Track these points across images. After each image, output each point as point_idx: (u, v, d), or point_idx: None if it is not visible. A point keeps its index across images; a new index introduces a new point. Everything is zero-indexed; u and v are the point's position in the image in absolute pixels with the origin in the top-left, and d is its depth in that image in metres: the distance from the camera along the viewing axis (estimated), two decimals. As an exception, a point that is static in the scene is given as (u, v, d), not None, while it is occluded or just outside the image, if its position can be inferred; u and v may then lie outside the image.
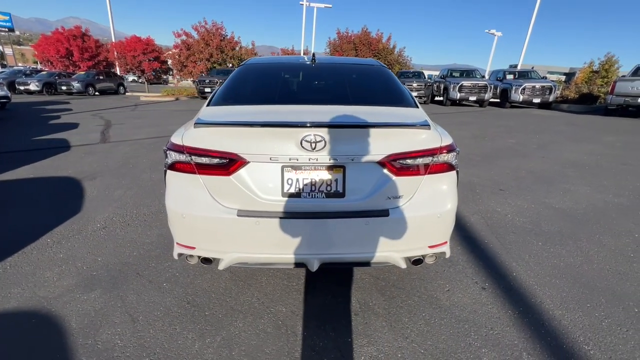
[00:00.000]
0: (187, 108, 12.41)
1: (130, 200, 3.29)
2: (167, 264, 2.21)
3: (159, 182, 3.81)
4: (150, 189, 3.59)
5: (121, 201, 3.26)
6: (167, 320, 1.71)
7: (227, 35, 22.70)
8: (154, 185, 3.70)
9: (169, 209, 1.61)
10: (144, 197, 3.36)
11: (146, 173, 4.15)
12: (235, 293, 1.93)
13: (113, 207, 3.12)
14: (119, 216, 2.92)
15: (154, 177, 4.00)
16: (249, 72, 2.33)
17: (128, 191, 3.53)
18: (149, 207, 3.13)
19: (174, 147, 1.58)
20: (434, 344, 1.58)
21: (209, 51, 21.30)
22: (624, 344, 1.58)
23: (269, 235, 1.53)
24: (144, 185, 3.70)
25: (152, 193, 3.47)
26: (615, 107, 11.26)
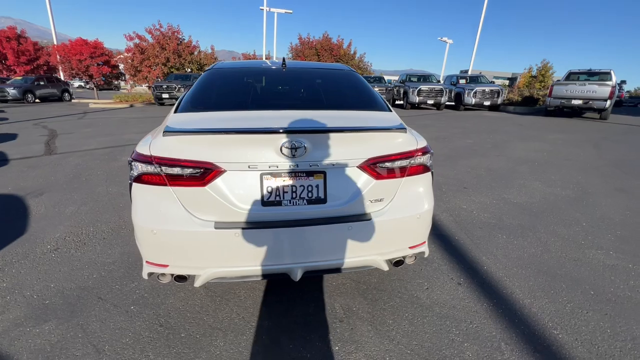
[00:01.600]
0: (144, 115, 11.70)
1: (86, 216, 3.00)
2: (134, 284, 2.04)
3: (118, 195, 3.53)
4: (108, 204, 3.30)
5: (75, 218, 2.96)
6: (137, 348, 1.56)
7: (184, 39, 21.87)
8: (112, 199, 3.41)
9: (137, 225, 1.48)
10: (101, 213, 3.08)
11: (102, 186, 3.82)
12: (212, 310, 1.82)
13: (65, 225, 2.82)
14: (73, 235, 2.65)
15: (111, 190, 3.69)
16: (217, 77, 2.24)
17: (82, 207, 3.22)
18: (108, 223, 2.87)
19: (140, 158, 1.45)
20: (419, 343, 1.60)
21: (166, 55, 20.37)
22: (586, 325, 1.72)
23: (249, 246, 1.46)
24: (101, 200, 3.40)
25: (111, 208, 3.20)
26: (554, 109, 12.48)
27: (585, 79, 12.17)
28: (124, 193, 3.59)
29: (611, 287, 2.05)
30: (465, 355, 1.53)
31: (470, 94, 14.93)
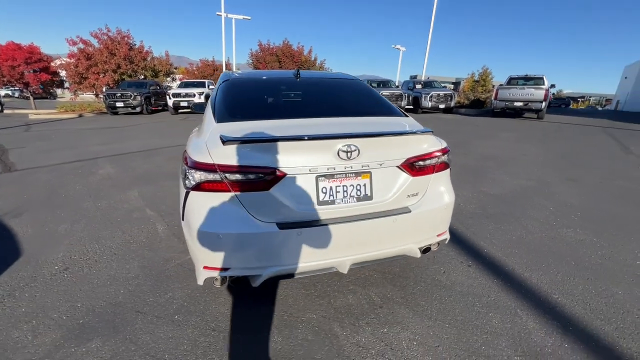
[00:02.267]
0: (100, 126, 10.89)
1: (84, 234, 2.84)
2: (168, 295, 2.03)
3: (111, 209, 3.36)
4: (103, 219, 3.14)
5: (72, 237, 2.79)
6: (199, 352, 1.60)
7: (135, 44, 20.70)
8: (105, 214, 3.25)
9: (199, 231, 1.53)
10: (99, 229, 2.93)
11: (88, 202, 3.60)
12: (257, 310, 1.90)
13: (65, 244, 2.66)
14: (79, 254, 2.51)
15: (100, 205, 3.50)
16: (240, 87, 2.32)
17: (75, 224, 3.03)
18: (112, 238, 2.76)
19: (201, 167, 1.52)
20: (453, 317, 1.84)
21: (116, 62, 19.10)
22: (576, 289, 2.09)
23: (307, 244, 1.59)
24: (93, 216, 3.22)
25: (108, 223, 3.05)
26: (499, 110, 13.90)
27: (523, 84, 13.77)
28: (117, 207, 3.43)
29: (586, 257, 2.48)
30: (493, 323, 1.79)
31: (427, 98, 16.04)
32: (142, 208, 3.42)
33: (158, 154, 6.06)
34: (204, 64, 24.85)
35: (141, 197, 3.75)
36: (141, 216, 3.22)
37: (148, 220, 3.13)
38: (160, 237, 2.78)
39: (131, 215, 3.25)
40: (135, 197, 3.74)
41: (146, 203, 3.56)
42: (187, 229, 1.63)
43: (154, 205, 3.49)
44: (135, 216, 3.22)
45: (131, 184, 4.22)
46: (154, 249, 2.60)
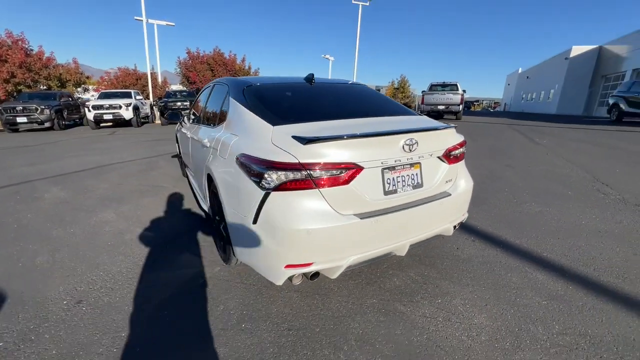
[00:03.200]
0: (10, 145, 9.05)
1: (75, 263, 2.47)
2: (220, 308, 1.95)
3: (91, 235, 2.96)
4: (90, 245, 2.76)
5: (62, 268, 2.41)
6: (287, 352, 1.61)
7: (32, 49, 17.77)
8: (89, 240, 2.85)
9: (286, 230, 1.57)
10: (93, 256, 2.58)
11: (56, 229, 3.09)
12: (321, 304, 1.96)
13: (57, 277, 2.29)
14: (84, 284, 2.20)
15: (74, 231, 3.04)
16: (271, 92, 2.35)
17: (57, 254, 2.60)
18: (116, 263, 2.47)
19: (281, 166, 1.56)
20: (485, 281, 2.18)
21: (8, 69, 16.08)
22: (554, 246, 2.64)
23: (378, 231, 1.75)
24: (74, 243, 2.80)
25: (100, 248, 2.70)
26: (426, 113, 15.72)
27: (442, 90, 15.84)
28: (98, 231, 3.03)
29: (548, 223, 3.12)
30: (514, 280, 2.19)
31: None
32: (131, 229, 3.09)
33: (108, 172, 5.39)
34: (124, 73, 22.43)
35: (122, 218, 3.37)
36: (136, 237, 2.91)
37: (148, 241, 2.85)
38: (171, 256, 2.59)
39: (123, 237, 2.91)
40: (114, 219, 3.34)
41: (133, 224, 3.22)
42: (265, 230, 1.64)
43: (144, 225, 3.18)
44: (128, 238, 2.90)
45: (100, 206, 3.73)
46: (172, 267, 2.41)
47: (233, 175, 1.88)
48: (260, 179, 1.63)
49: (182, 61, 21.41)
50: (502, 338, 1.69)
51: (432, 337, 1.70)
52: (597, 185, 4.27)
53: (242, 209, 1.77)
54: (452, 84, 15.85)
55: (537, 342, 1.65)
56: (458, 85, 15.69)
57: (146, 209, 3.59)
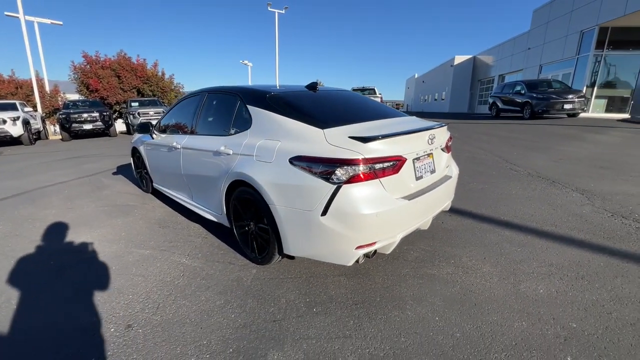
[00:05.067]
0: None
1: (96, 287, 2.24)
2: (283, 300, 2.10)
3: (84, 262, 2.65)
4: (90, 273, 2.48)
5: (84, 296, 2.16)
6: (368, 320, 1.90)
7: None
8: (84, 269, 2.55)
9: (358, 215, 1.85)
10: (113, 280, 2.35)
11: (31, 264, 2.64)
12: (368, 281, 2.28)
13: (84, 304, 2.06)
14: (121, 308, 2.05)
15: (57, 262, 2.66)
16: (299, 100, 2.53)
17: (65, 280, 2.29)
18: (138, 285, 2.32)
19: (353, 162, 1.85)
20: (475, 243, 2.80)
21: None
22: (508, 210, 3.48)
23: (417, 209, 2.17)
24: (78, 278, 2.47)
25: (102, 273, 2.46)
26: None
27: (362, 94, 17.42)
28: (88, 258, 2.72)
29: (493, 196, 4.02)
30: (491, 239, 2.86)
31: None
32: (129, 250, 2.85)
33: (42, 197, 4.57)
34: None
35: (107, 241, 3.04)
36: (140, 258, 2.72)
37: (154, 259, 2.71)
38: (199, 266, 2.55)
39: (125, 259, 2.69)
40: (98, 244, 3.00)
41: (125, 245, 2.96)
42: (336, 219, 1.89)
43: (139, 244, 2.96)
44: (131, 259, 2.69)
45: (67, 233, 3.25)
46: (208, 277, 2.40)
47: (287, 175, 2.06)
48: (330, 175, 1.87)
49: (79, 66, 18.42)
50: (506, 277, 2.28)
51: (463, 286, 2.19)
52: (509, 165, 5.54)
53: (305, 204, 1.97)
54: (371, 88, 17.58)
55: (528, 275, 2.29)
56: (375, 89, 17.48)
57: (129, 229, 3.30)
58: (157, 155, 3.83)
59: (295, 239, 2.11)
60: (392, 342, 1.72)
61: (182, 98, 3.72)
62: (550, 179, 4.59)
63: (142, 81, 19.40)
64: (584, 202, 3.66)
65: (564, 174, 4.81)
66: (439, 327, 1.82)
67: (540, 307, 1.97)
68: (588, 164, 5.40)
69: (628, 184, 4.30)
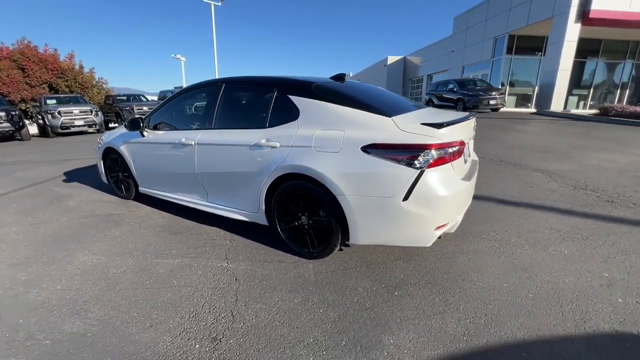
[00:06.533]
0: None
1: (145, 312, 1.93)
2: (360, 290, 2.11)
3: (102, 281, 2.25)
4: (122, 293, 2.13)
5: (138, 321, 1.85)
6: (448, 297, 2.03)
7: None
8: (113, 290, 2.17)
9: (439, 197, 1.97)
10: (151, 298, 2.05)
11: (34, 289, 2.14)
12: (425, 264, 2.42)
13: (139, 329, 1.77)
14: (192, 323, 1.82)
15: (76, 284, 2.21)
16: (343, 90, 2.49)
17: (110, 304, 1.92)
18: (193, 298, 2.08)
19: (435, 147, 1.95)
20: (501, 220, 3.14)
21: None
22: (511, 191, 3.96)
23: (471, 189, 2.38)
24: (113, 290, 2.08)
25: (136, 292, 2.14)
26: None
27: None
28: (106, 276, 2.31)
29: (494, 181, 4.51)
30: (513, 215, 3.25)
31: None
32: (154, 262, 2.51)
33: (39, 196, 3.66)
34: None
35: (113, 255, 2.62)
36: (169, 270, 2.43)
37: (195, 256, 2.44)
38: (250, 269, 2.38)
39: (154, 271, 2.36)
40: (104, 261, 2.56)
41: (144, 258, 2.59)
42: (418, 203, 1.97)
43: (160, 254, 2.62)
44: (162, 271, 2.38)
45: (51, 252, 2.69)
46: (262, 279, 2.27)
47: (359, 164, 2.06)
48: (412, 160, 1.94)
49: (-38, 56, 14.80)
50: (533, 244, 2.64)
51: (507, 256, 2.47)
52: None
53: (383, 191, 2.01)
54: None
55: (548, 240, 2.68)
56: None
57: (134, 240, 2.88)
58: (151, 155, 3.40)
59: (369, 227, 2.12)
60: (484, 310, 1.88)
61: (181, 91, 3.35)
62: (512, 163, 5.32)
63: (55, 75, 16.58)
64: (549, 180, 4.36)
65: (519, 158, 5.63)
66: (511, 291, 2.04)
67: (573, 264, 2.33)
68: (530, 149, 6.39)
69: (568, 163, 5.24)
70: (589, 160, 5.35)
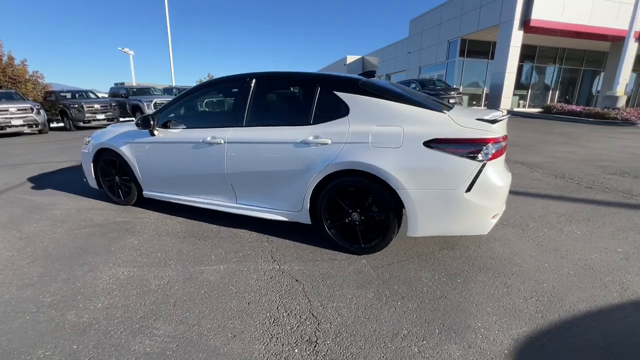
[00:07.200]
0: None
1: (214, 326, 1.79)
2: (424, 280, 2.19)
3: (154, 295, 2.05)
4: (180, 301, 1.96)
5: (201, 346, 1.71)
6: (505, 281, 2.20)
7: None
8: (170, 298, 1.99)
9: (499, 187, 2.14)
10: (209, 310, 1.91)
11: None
12: (471, 253, 2.57)
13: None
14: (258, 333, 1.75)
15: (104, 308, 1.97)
16: (387, 87, 2.52)
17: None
18: (257, 313, 1.99)
19: (494, 141, 2.08)
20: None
21: None
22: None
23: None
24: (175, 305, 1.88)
25: (184, 305, 1.99)
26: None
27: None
28: (160, 288, 2.10)
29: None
30: (536, 207, 3.57)
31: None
32: (203, 259, 2.33)
33: None
34: None
35: (151, 266, 2.38)
36: (232, 266, 2.28)
37: (239, 261, 2.32)
38: (308, 270, 2.33)
39: (224, 284, 2.20)
40: (143, 273, 2.32)
41: (197, 255, 2.40)
42: (479, 194, 2.09)
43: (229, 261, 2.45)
44: (225, 269, 2.23)
45: (82, 254, 2.36)
46: (326, 277, 2.24)
47: (422, 158, 2.13)
48: (476, 153, 2.05)
49: None
50: (550, 227, 2.94)
51: (534, 239, 2.73)
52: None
53: (446, 184, 2.10)
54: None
55: (560, 223, 3.01)
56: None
57: (162, 248, 2.64)
58: (163, 156, 3.12)
59: (429, 219, 2.21)
60: (541, 289, 2.06)
61: (196, 87, 3.13)
62: (493, 156, 5.82)
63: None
64: (532, 171, 4.86)
65: (496, 152, 6.16)
66: (554, 270, 2.27)
67: (590, 242, 2.66)
68: (501, 144, 7.03)
69: (539, 156, 5.88)
70: (555, 153, 6.05)
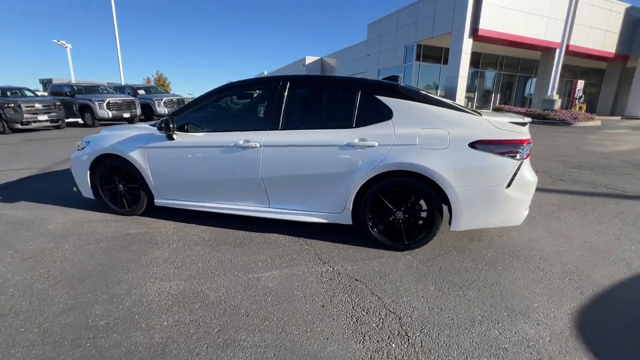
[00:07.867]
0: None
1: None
2: (467, 271, 2.39)
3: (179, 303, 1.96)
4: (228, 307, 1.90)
5: (296, 342, 1.69)
6: (522, 270, 2.48)
7: None
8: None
9: (533, 182, 2.45)
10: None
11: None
12: (491, 245, 2.84)
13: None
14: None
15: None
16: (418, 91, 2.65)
17: (245, 342, 1.67)
18: (339, 326, 2.02)
19: (527, 142, 2.34)
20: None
21: None
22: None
23: None
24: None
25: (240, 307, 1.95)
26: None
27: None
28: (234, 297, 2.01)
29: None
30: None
31: (160, 104, 15.19)
32: (250, 267, 2.26)
33: None
34: None
35: (200, 279, 2.25)
36: (284, 272, 2.25)
37: (289, 266, 2.31)
38: (359, 269, 2.39)
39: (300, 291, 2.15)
40: (191, 285, 2.19)
41: (239, 264, 2.30)
42: (517, 189, 2.35)
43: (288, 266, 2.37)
44: (279, 275, 2.19)
45: (112, 271, 2.13)
46: (382, 274, 2.33)
47: (467, 158, 2.33)
48: (515, 153, 2.30)
49: None
50: (559, 219, 3.35)
51: (548, 229, 3.10)
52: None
53: (490, 181, 2.32)
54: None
55: (569, 214, 3.44)
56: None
57: (202, 260, 2.51)
58: (184, 161, 2.94)
59: (472, 213, 2.41)
60: (568, 270, 2.38)
61: (219, 89, 3.00)
62: (470, 154, 6.36)
63: None
64: (508, 166, 5.42)
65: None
66: (570, 252, 2.63)
67: (585, 227, 3.10)
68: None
69: (507, 152, 6.55)
70: (519, 150, 6.80)
